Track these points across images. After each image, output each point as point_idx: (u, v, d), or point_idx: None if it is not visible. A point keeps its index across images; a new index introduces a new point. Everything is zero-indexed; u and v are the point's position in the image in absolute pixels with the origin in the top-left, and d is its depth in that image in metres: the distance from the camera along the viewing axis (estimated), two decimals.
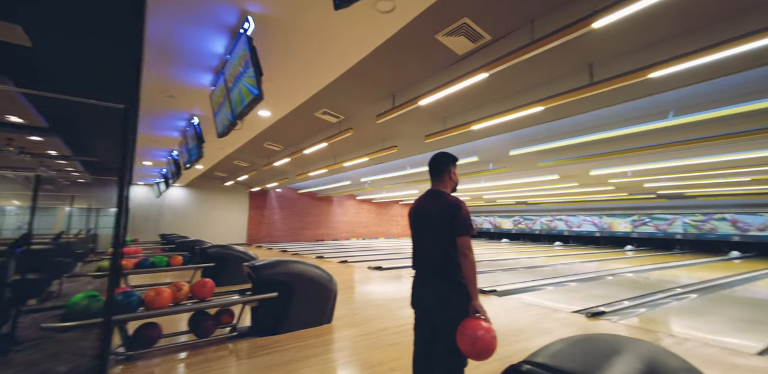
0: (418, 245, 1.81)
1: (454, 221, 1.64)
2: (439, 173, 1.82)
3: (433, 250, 1.71)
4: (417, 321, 1.80)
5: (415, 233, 1.83)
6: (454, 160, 1.85)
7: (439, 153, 1.87)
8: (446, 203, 1.70)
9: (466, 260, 1.62)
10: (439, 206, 1.70)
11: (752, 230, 11.75)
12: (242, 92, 2.65)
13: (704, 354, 2.71)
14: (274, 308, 3.08)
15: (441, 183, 1.82)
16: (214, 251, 5.43)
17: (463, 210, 1.66)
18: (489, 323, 1.59)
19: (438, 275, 1.70)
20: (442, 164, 1.82)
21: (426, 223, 1.75)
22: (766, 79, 3.66)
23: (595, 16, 2.45)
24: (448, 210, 1.67)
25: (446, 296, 1.65)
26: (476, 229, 20.76)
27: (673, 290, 5.36)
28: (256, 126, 5.10)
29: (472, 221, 1.70)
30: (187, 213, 13.57)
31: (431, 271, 1.73)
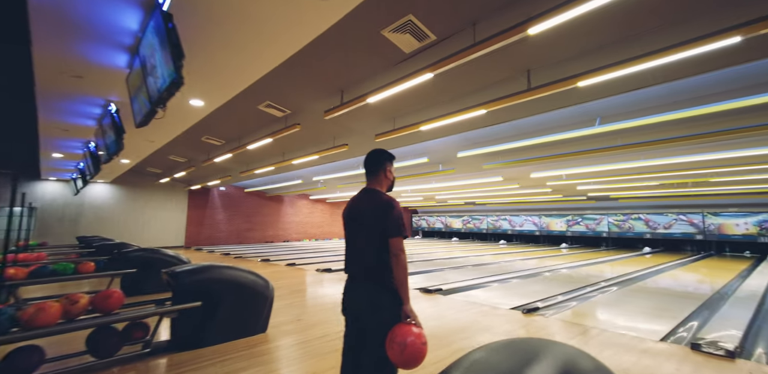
0: (350, 247, 1.71)
1: (386, 222, 1.56)
2: (374, 170, 1.74)
3: (365, 252, 1.61)
4: (347, 328, 1.67)
5: (348, 234, 1.72)
6: (390, 158, 1.78)
7: (375, 150, 1.78)
8: (380, 202, 1.62)
9: (397, 263, 1.54)
10: (373, 206, 1.63)
11: (660, 229, 13.45)
12: (160, 76, 2.31)
13: (621, 342, 2.94)
14: (198, 319, 2.76)
15: (376, 181, 1.74)
16: (136, 256, 4.82)
17: (396, 210, 1.59)
18: (420, 328, 1.51)
19: (369, 278, 1.60)
20: (377, 161, 1.74)
21: (358, 223, 1.66)
22: (680, 92, 4.12)
23: (530, 22, 2.53)
24: (381, 210, 1.58)
25: (377, 300, 1.55)
26: (429, 228, 21.69)
27: (598, 284, 5.87)
28: (188, 117, 4.62)
29: (405, 222, 1.62)
30: (113, 213, 12.09)
31: (363, 274, 1.63)
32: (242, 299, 3.01)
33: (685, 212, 12.96)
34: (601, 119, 5.01)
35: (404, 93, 4.41)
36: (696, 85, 3.89)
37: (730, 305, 4.47)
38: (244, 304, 3.02)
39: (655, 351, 2.77)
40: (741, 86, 3.77)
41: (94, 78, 3.19)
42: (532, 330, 3.30)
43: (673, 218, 13.21)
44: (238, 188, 15.48)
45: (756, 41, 2.78)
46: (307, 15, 2.38)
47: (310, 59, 3.85)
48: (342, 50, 3.64)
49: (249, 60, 2.97)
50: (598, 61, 3.30)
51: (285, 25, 2.49)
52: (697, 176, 8.40)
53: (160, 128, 5.23)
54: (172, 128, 5.26)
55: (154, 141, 6.15)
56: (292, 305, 4.25)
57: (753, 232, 11.64)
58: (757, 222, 11.58)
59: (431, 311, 4.01)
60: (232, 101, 4.98)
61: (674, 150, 6.29)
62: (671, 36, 2.91)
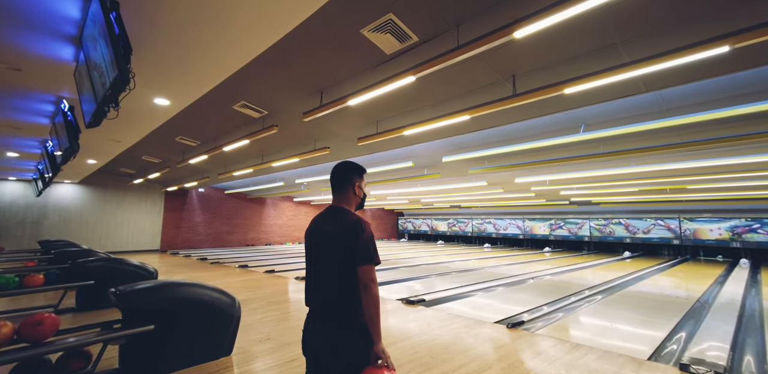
0: (311, 276, 1.46)
1: (354, 247, 1.34)
2: (341, 186, 1.52)
3: (328, 281, 1.38)
4: (307, 371, 1.44)
5: (309, 259, 1.48)
6: (360, 171, 1.56)
7: (342, 163, 1.55)
8: (347, 223, 1.40)
9: (367, 295, 1.32)
10: (339, 228, 1.41)
11: (639, 233, 13.73)
12: (104, 72, 2.03)
13: (609, 365, 2.80)
14: (151, 344, 2.46)
15: (344, 199, 1.52)
16: (94, 266, 4.42)
17: (366, 233, 1.37)
18: (393, 371, 1.30)
19: (333, 314, 1.37)
20: (345, 176, 1.52)
21: (322, 248, 1.43)
22: (664, 101, 4.07)
23: (516, 25, 2.37)
24: (349, 233, 1.37)
25: (341, 342, 1.32)
26: (415, 231, 21.57)
27: (582, 293, 5.80)
28: (154, 116, 4.29)
29: (376, 246, 1.40)
30: (81, 216, 11.40)
31: (325, 309, 1.39)
32: (203, 319, 2.72)
33: (663, 218, 13.27)
34: (586, 127, 4.95)
35: (387, 96, 4.22)
36: (680, 94, 3.85)
37: (712, 315, 4.45)
38: (205, 325, 2.74)
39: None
40: (724, 97, 3.75)
41: (37, 71, 2.85)
42: (517, 349, 3.14)
43: (651, 223, 13.50)
44: (218, 190, 14.94)
45: (742, 52, 2.72)
46: (278, 8, 2.15)
47: (286, 58, 3.61)
48: (320, 49, 3.41)
49: (215, 57, 2.71)
50: (586, 67, 3.19)
51: (253, 18, 2.24)
52: (674, 184, 8.54)
53: (125, 128, 4.86)
54: (138, 128, 4.89)
55: (120, 141, 5.74)
56: (263, 321, 3.96)
57: (725, 237, 11.99)
58: (730, 228, 11.94)
59: (413, 326, 3.81)
60: (204, 101, 4.66)
61: (654, 158, 6.33)
62: (660, 44, 2.82)
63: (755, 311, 4.78)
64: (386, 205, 18.66)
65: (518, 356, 2.96)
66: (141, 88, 3.29)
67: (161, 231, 13.11)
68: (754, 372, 2.73)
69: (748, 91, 3.55)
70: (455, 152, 6.73)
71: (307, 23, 2.96)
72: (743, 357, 3.06)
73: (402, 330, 3.63)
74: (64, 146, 3.80)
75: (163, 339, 2.50)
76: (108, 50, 1.83)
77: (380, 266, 9.21)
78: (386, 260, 10.47)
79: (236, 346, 3.10)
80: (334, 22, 2.99)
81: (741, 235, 11.69)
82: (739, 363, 2.91)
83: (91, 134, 5.07)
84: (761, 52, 2.70)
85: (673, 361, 2.85)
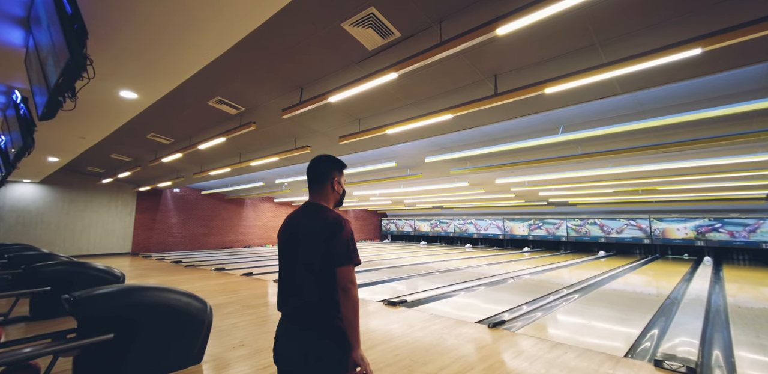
0: (285, 278, 1.35)
1: (333, 246, 1.25)
2: (319, 182, 1.42)
3: (304, 284, 1.28)
4: None
5: (283, 260, 1.37)
6: (339, 166, 1.46)
7: (320, 156, 1.45)
8: (325, 221, 1.30)
9: (346, 298, 1.23)
10: (317, 226, 1.30)
11: (613, 233, 14.24)
12: (55, 57, 1.85)
13: (588, 362, 2.82)
14: (110, 354, 2.27)
15: (321, 195, 1.42)
16: (51, 271, 4.10)
17: (345, 232, 1.28)
18: None
19: (308, 319, 1.27)
20: (323, 171, 1.42)
21: (297, 247, 1.32)
22: (641, 103, 4.19)
23: (498, 21, 2.35)
24: (328, 231, 1.27)
25: (316, 350, 1.22)
26: (398, 232, 21.58)
27: (560, 291, 5.91)
28: (121, 111, 4.03)
29: (356, 246, 1.31)
30: (43, 217, 10.68)
31: (300, 313, 1.29)
32: (170, 326, 2.55)
33: (635, 218, 13.82)
34: (564, 128, 5.05)
35: (369, 93, 4.14)
36: (654, 97, 3.97)
37: (682, 312, 4.62)
38: (172, 332, 2.56)
39: (621, 372, 2.67)
40: (697, 100, 3.89)
41: None
42: (498, 349, 3.12)
43: (624, 223, 14.03)
44: (195, 190, 14.40)
45: (713, 55, 2.81)
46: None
47: (263, 51, 3.47)
48: (299, 42, 3.30)
49: (186, 48, 2.55)
50: (566, 68, 3.23)
51: (227, 5, 2.11)
52: (646, 184, 8.89)
53: (89, 123, 4.56)
54: (103, 123, 4.59)
55: (84, 137, 5.38)
56: (238, 325, 3.79)
57: (691, 236, 12.61)
58: (694, 227, 12.57)
59: (395, 327, 3.74)
60: (177, 95, 4.44)
61: (629, 160, 6.55)
62: (637, 46, 2.88)
63: (720, 306, 5.00)
64: (369, 206, 18.55)
65: (499, 356, 2.94)
66: (103, 80, 3.07)
67: (133, 233, 12.48)
68: (722, 366, 2.82)
69: (719, 94, 3.70)
70: (438, 152, 6.73)
71: (285, 14, 2.84)
72: (712, 351, 3.16)
73: (383, 333, 3.55)
74: (17, 142, 3.50)
75: (125, 349, 2.31)
76: (59, 33, 1.66)
77: (363, 267, 9.12)
78: (369, 262, 10.37)
79: (208, 353, 2.93)
80: (314, 14, 2.89)
81: (705, 234, 12.32)
82: (709, 357, 3.00)
83: (51, 129, 4.73)
84: (731, 55, 2.80)
85: (648, 357, 2.90)
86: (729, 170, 6.61)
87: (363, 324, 3.84)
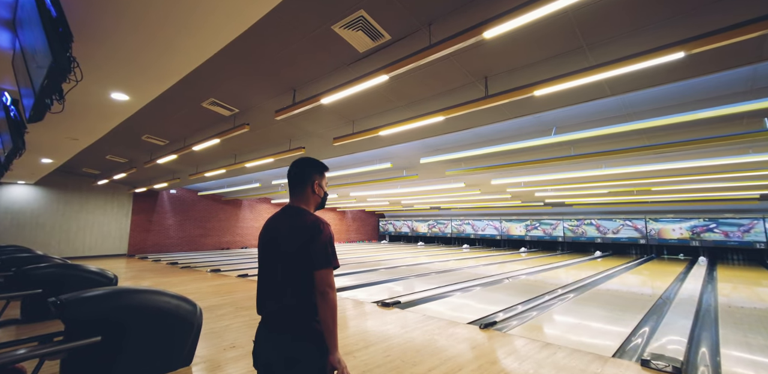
0: (263, 281, 1.35)
1: (312, 249, 1.25)
2: (299, 185, 1.43)
3: (282, 287, 1.28)
4: None
5: (262, 263, 1.38)
6: (320, 169, 1.47)
7: (300, 159, 1.45)
8: (304, 224, 1.31)
9: (324, 302, 1.24)
10: (296, 229, 1.31)
11: (609, 233, 14.30)
12: (40, 61, 1.86)
13: (576, 362, 2.84)
14: (98, 357, 2.27)
15: (302, 198, 1.42)
16: (43, 273, 4.08)
17: (324, 235, 1.28)
18: None
19: (286, 321, 1.27)
20: (303, 173, 1.43)
21: (276, 250, 1.32)
22: (631, 105, 4.22)
23: (486, 25, 2.37)
24: (306, 234, 1.28)
25: (294, 352, 1.23)
26: (396, 233, 21.58)
27: (555, 291, 5.93)
28: (113, 113, 4.03)
29: (335, 249, 1.31)
30: (38, 219, 10.63)
31: (278, 316, 1.29)
32: (159, 329, 2.55)
33: (631, 218, 13.88)
34: (557, 129, 5.08)
35: (362, 95, 4.16)
36: (644, 99, 4.00)
37: (673, 311, 4.64)
38: (161, 335, 2.56)
39: (609, 371, 2.69)
40: (685, 102, 3.93)
41: None
42: (489, 350, 3.14)
43: (620, 223, 14.09)
44: (191, 191, 14.37)
45: (697, 58, 2.85)
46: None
47: (256, 53, 3.48)
48: (291, 45, 3.31)
49: (176, 49, 2.56)
50: (555, 70, 3.26)
51: (217, 5, 2.13)
52: (641, 185, 8.94)
53: (81, 125, 4.55)
54: (96, 125, 4.59)
55: (78, 139, 5.37)
56: (230, 327, 3.79)
57: (686, 236, 12.68)
58: (690, 227, 12.63)
59: (387, 328, 3.75)
60: (170, 97, 4.44)
61: (622, 161, 6.59)
62: (624, 48, 2.91)
63: (710, 306, 5.04)
64: (367, 207, 18.57)
65: (489, 357, 2.95)
66: (94, 82, 3.08)
67: (129, 235, 12.44)
68: (708, 364, 2.85)
69: (708, 96, 3.74)
70: (432, 153, 6.76)
71: (275, 16, 2.86)
72: (699, 350, 3.19)
73: (376, 334, 3.56)
74: (8, 144, 3.50)
75: (113, 352, 2.31)
76: (43, 36, 1.67)
77: (360, 268, 9.13)
78: (366, 262, 10.38)
79: (199, 355, 2.93)
80: (304, 16, 2.90)
81: (700, 234, 12.39)
82: (695, 356, 3.03)
83: (44, 131, 4.73)
84: (717, 58, 2.84)
85: (636, 357, 2.92)
86: (722, 170, 6.66)
87: (357, 325, 3.85)
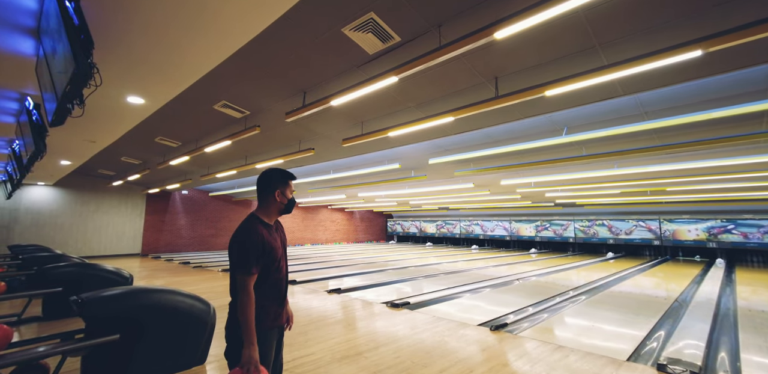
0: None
1: (230, 255, 1.48)
2: (262, 193, 1.60)
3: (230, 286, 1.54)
4: None
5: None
6: (282, 178, 1.61)
7: (265, 171, 1.62)
8: (234, 233, 1.51)
9: (234, 303, 1.48)
10: (232, 236, 1.51)
11: (622, 234, 14.03)
12: (63, 68, 1.92)
13: (589, 366, 2.80)
14: (116, 354, 2.33)
15: (262, 206, 1.61)
16: (62, 272, 4.21)
17: (236, 240, 1.45)
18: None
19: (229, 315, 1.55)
20: (265, 184, 1.60)
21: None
22: (644, 105, 4.15)
23: (497, 25, 2.36)
24: (231, 240, 1.49)
25: (228, 340, 1.51)
26: (404, 233, 21.50)
27: (566, 293, 5.85)
28: (129, 116, 4.13)
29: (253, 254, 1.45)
30: (56, 219, 10.95)
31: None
32: (174, 328, 2.60)
33: (644, 219, 13.60)
34: (568, 129, 5.02)
35: (371, 97, 4.18)
36: (657, 98, 3.93)
37: (689, 314, 4.54)
38: (177, 333, 2.62)
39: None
40: (700, 101, 3.84)
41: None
42: (500, 352, 3.12)
43: (633, 224, 13.82)
44: (202, 192, 14.61)
45: (714, 56, 2.78)
46: (250, 2, 2.08)
47: (266, 56, 3.53)
48: (301, 48, 3.35)
49: (189, 54, 2.61)
50: (566, 70, 3.22)
51: (228, 12, 2.17)
52: (655, 186, 8.75)
53: (98, 128, 4.68)
54: (112, 128, 4.71)
55: (95, 141, 5.52)
56: None
57: (703, 238, 12.36)
58: (706, 228, 12.31)
59: (396, 329, 3.75)
60: (183, 100, 4.53)
61: (635, 160, 6.47)
62: (638, 48, 2.86)
63: (729, 309, 4.91)
64: (375, 207, 18.60)
65: (501, 359, 2.94)
66: (111, 86, 3.16)
67: (142, 235, 12.71)
68: (728, 370, 2.78)
69: (724, 95, 3.65)
70: (441, 154, 6.74)
71: (287, 20, 2.90)
72: (718, 355, 3.11)
73: (386, 334, 3.57)
74: (30, 147, 3.62)
75: (130, 349, 2.38)
76: (66, 43, 1.72)
77: (368, 268, 9.16)
78: (374, 263, 10.40)
79: (212, 354, 2.98)
80: (315, 19, 2.93)
81: (717, 236, 12.07)
82: (714, 361, 2.95)
83: (63, 134, 4.87)
84: (734, 56, 2.77)
85: (652, 361, 2.87)
86: (739, 170, 6.48)
87: (366, 326, 3.87)
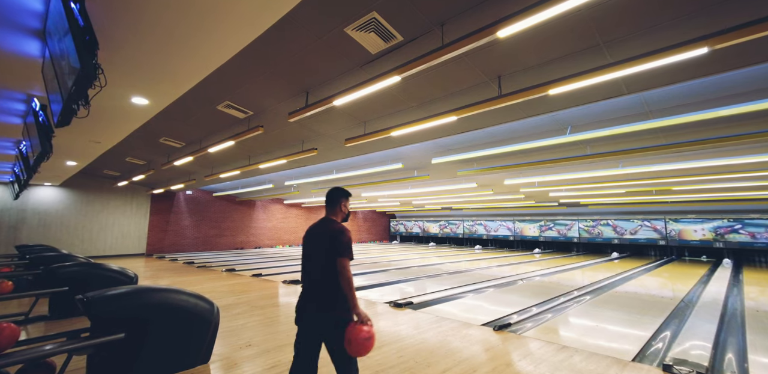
0: (304, 267, 2.02)
1: (337, 244, 1.88)
2: (332, 204, 2.12)
3: (315, 268, 1.94)
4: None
5: (304, 253, 2.05)
6: (346, 195, 2.15)
7: (333, 189, 2.13)
8: (333, 228, 1.95)
9: (342, 276, 1.82)
10: (327, 231, 1.95)
11: (626, 234, 13.92)
12: (68, 69, 1.94)
13: (594, 366, 2.78)
14: (121, 353, 2.35)
15: (334, 213, 2.11)
16: (68, 272, 4.25)
17: (345, 236, 1.91)
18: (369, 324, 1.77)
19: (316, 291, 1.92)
20: (335, 197, 2.13)
21: (313, 246, 2.00)
22: (648, 104, 4.11)
23: (500, 24, 2.35)
24: (334, 234, 1.91)
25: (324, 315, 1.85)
26: (407, 233, 21.61)
27: (570, 293, 5.82)
28: (133, 116, 4.16)
29: (352, 248, 1.92)
30: (62, 219, 11.06)
31: (312, 288, 1.93)
32: (178, 327, 2.62)
33: (649, 219, 13.49)
34: (572, 128, 4.98)
35: (373, 96, 4.18)
36: (661, 96, 3.89)
37: (696, 315, 4.49)
38: (180, 333, 2.63)
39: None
40: (705, 99, 3.80)
41: (2, 67, 2.72)
42: (503, 352, 3.10)
43: (638, 224, 13.71)
44: (206, 192, 14.68)
45: (720, 54, 2.75)
46: (253, 3, 2.09)
47: (269, 56, 3.54)
48: (304, 47, 3.36)
49: (192, 55, 2.63)
50: (570, 69, 3.20)
51: (230, 12, 2.18)
52: (660, 185, 8.68)
53: (103, 128, 4.71)
54: (117, 128, 4.74)
55: (100, 142, 5.56)
56: (246, 326, 3.85)
57: (709, 238, 12.24)
58: (713, 228, 12.19)
59: (400, 329, 3.75)
60: (186, 101, 4.57)
61: (640, 160, 6.42)
62: (642, 45, 2.84)
63: (737, 310, 4.85)
64: (378, 207, 18.60)
65: (504, 359, 2.92)
66: (115, 87, 3.19)
67: (147, 235, 12.80)
68: (735, 371, 2.74)
69: (729, 93, 3.61)
70: (444, 153, 6.72)
71: (289, 20, 2.91)
72: (725, 356, 3.07)
73: (389, 334, 3.57)
74: (36, 147, 3.66)
75: (135, 348, 2.39)
76: (71, 44, 1.74)
77: (371, 268, 9.17)
78: (377, 263, 10.40)
79: (216, 353, 3.00)
80: (317, 19, 2.94)
81: (724, 235, 11.94)
82: (721, 362, 2.92)
83: (68, 134, 4.91)
84: (740, 54, 2.74)
85: (657, 362, 2.84)
86: (747, 169, 6.41)
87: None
